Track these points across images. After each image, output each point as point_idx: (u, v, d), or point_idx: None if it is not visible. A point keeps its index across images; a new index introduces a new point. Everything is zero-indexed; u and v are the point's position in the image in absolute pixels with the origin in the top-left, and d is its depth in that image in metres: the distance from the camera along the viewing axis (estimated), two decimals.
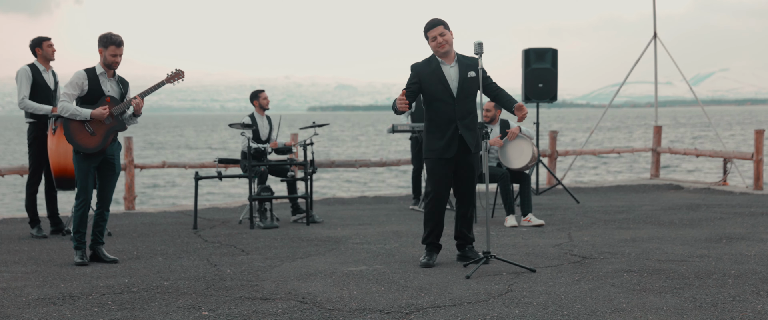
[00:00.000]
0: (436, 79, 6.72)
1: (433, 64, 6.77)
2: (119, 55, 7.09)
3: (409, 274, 6.45)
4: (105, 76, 7.13)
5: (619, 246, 7.66)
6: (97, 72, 7.12)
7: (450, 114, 6.73)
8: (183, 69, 7.63)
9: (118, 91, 7.22)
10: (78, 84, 7.03)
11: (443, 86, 6.72)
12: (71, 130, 7.04)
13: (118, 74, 7.26)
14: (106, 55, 7.04)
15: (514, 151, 9.47)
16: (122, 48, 7.09)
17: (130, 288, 6.02)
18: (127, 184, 11.72)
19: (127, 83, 7.37)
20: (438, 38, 6.71)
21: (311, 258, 7.27)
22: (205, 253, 7.63)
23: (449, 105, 6.73)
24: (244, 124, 9.53)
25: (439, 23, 6.76)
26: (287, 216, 10.34)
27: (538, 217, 9.81)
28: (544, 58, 12.03)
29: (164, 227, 9.52)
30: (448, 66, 6.77)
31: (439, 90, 6.72)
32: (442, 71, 6.74)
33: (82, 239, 7.16)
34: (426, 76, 6.74)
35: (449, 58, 6.78)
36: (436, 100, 6.74)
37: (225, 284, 6.15)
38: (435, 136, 6.77)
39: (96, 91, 7.08)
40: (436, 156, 6.76)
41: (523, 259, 7.05)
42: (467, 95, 6.77)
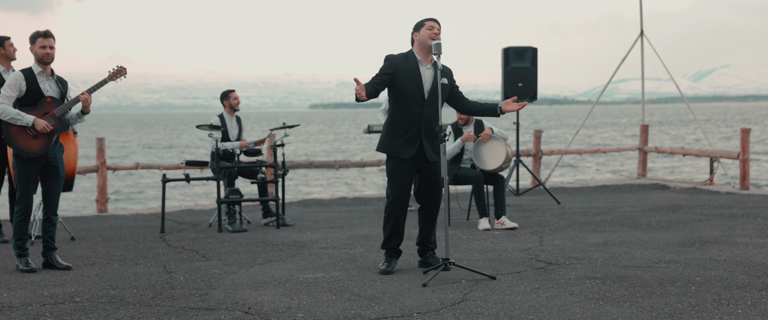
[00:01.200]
0: (412, 77, 6.51)
1: (411, 61, 6.56)
2: (49, 46, 6.87)
3: (365, 282, 6.26)
4: (43, 76, 6.92)
5: (589, 251, 7.47)
6: (34, 71, 6.90)
7: (416, 116, 6.53)
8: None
9: (58, 91, 7.00)
10: (15, 85, 6.81)
11: (416, 86, 6.52)
12: (12, 133, 6.80)
13: (57, 74, 7.05)
14: (36, 49, 6.84)
15: (488, 152, 9.28)
16: (51, 39, 6.89)
17: (74, 298, 5.83)
18: (100, 186, 11.53)
19: (67, 83, 7.14)
20: (435, 28, 6.50)
21: (271, 265, 7.08)
22: (164, 259, 7.44)
23: (418, 106, 6.54)
24: (211, 125, 9.35)
25: (438, 21, 6.58)
26: (259, 219, 10.15)
27: (512, 220, 9.63)
28: (523, 56, 11.83)
29: (131, 231, 9.34)
30: (424, 67, 6.58)
31: (411, 88, 6.51)
32: (418, 70, 6.54)
33: (24, 246, 6.96)
34: (402, 71, 6.52)
35: (427, 59, 6.59)
36: (405, 98, 6.53)
37: (173, 293, 5.96)
38: (396, 134, 6.57)
39: (35, 92, 6.86)
40: (394, 154, 6.56)
41: (487, 265, 6.86)
42: (435, 100, 6.57)
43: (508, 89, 11.80)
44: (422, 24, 6.59)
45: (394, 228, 6.69)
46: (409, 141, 6.54)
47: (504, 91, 11.86)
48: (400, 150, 6.55)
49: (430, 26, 6.55)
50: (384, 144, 6.64)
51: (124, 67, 7.33)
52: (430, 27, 6.54)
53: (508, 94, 11.82)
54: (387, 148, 6.61)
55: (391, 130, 6.61)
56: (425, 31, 6.54)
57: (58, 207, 7.12)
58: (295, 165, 12.85)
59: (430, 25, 6.55)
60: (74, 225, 9.91)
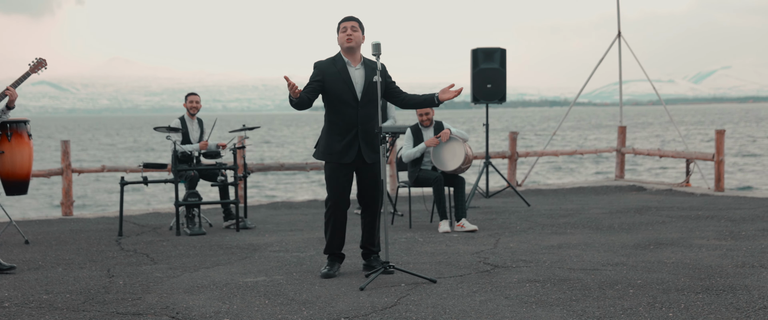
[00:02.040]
0: (341, 80, 6.43)
1: (338, 64, 6.48)
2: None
3: (303, 286, 6.19)
4: None
5: (540, 254, 7.40)
6: None
7: (352, 118, 6.46)
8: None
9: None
10: None
11: (347, 88, 6.44)
12: None
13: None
14: None
15: (447, 153, 9.21)
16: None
17: (2, 303, 5.76)
18: (65, 189, 11.46)
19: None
20: (348, 30, 6.42)
21: (216, 268, 7.01)
22: (112, 263, 7.37)
23: (352, 108, 6.46)
24: (169, 127, 9.28)
25: (354, 19, 6.51)
26: (222, 222, 10.08)
27: (474, 222, 9.56)
28: (492, 57, 11.75)
29: (89, 234, 9.27)
30: (353, 68, 6.50)
31: (343, 91, 6.43)
32: (347, 72, 6.46)
33: None
34: (330, 76, 6.45)
35: (355, 59, 6.51)
36: (338, 102, 6.46)
37: (105, 298, 5.89)
38: (334, 139, 6.49)
39: None
40: (334, 160, 6.49)
41: (433, 268, 6.79)
42: (371, 100, 6.50)
43: (477, 91, 11.72)
44: (339, 27, 6.52)
45: (335, 232, 6.61)
46: (347, 145, 6.46)
47: (473, 93, 11.78)
48: (340, 155, 6.47)
49: (343, 28, 6.47)
50: (323, 151, 6.55)
51: (44, 59, 7.26)
52: (343, 29, 6.47)
53: (477, 96, 11.75)
54: (326, 154, 6.52)
55: (330, 135, 6.52)
56: (340, 35, 6.47)
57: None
58: (265, 168, 12.77)
59: (343, 28, 6.48)
60: (35, 228, 9.83)
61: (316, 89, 6.44)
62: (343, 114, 6.45)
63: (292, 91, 6.20)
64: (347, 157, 6.47)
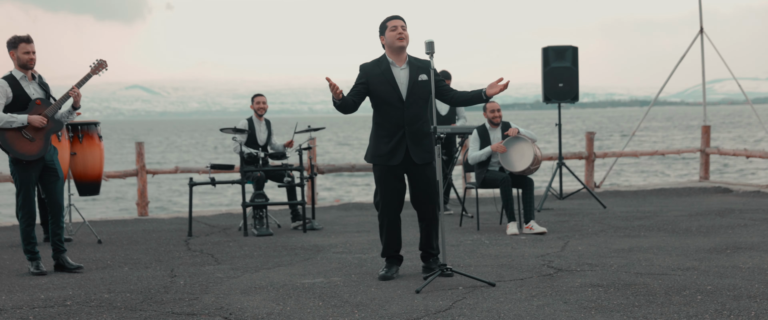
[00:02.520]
0: (385, 81, 6.34)
1: (382, 65, 6.40)
2: (32, 51, 6.89)
3: (359, 288, 6.11)
4: (25, 80, 6.94)
5: (608, 257, 7.18)
6: (16, 77, 6.91)
7: (398, 119, 6.36)
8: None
9: (43, 92, 7.02)
10: (2, 93, 6.81)
11: (392, 89, 6.34)
12: (8, 139, 6.80)
13: (39, 74, 7.07)
14: (19, 55, 6.85)
15: (515, 154, 9.03)
16: (33, 44, 6.90)
17: (65, 301, 5.84)
18: (139, 190, 11.65)
19: (46, 83, 7.15)
20: (398, 28, 6.33)
21: (277, 269, 7.00)
22: (176, 263, 7.43)
23: (398, 109, 6.36)
24: (235, 128, 9.33)
25: (402, 18, 6.42)
26: (289, 223, 10.09)
27: (543, 224, 9.37)
28: (563, 56, 11.51)
29: (161, 234, 9.38)
30: (398, 68, 6.40)
31: (387, 92, 6.34)
32: (391, 73, 6.37)
33: (34, 249, 7.00)
34: (374, 77, 6.37)
35: (401, 59, 6.41)
36: (384, 103, 6.37)
37: (164, 298, 5.92)
38: (381, 141, 6.40)
39: (22, 97, 6.88)
40: (382, 162, 6.40)
41: (495, 271, 6.64)
42: (417, 99, 6.39)
43: (548, 90, 11.49)
44: (385, 26, 6.41)
45: (390, 235, 6.53)
46: (395, 147, 6.36)
47: (544, 92, 11.56)
48: (388, 157, 6.38)
49: (392, 27, 6.37)
50: (372, 153, 6.48)
51: (104, 61, 7.34)
52: (392, 28, 6.37)
53: (549, 95, 11.52)
54: (374, 157, 6.45)
55: (377, 137, 6.44)
56: (389, 34, 6.36)
57: (63, 209, 7.15)
58: (336, 169, 12.76)
59: (392, 26, 6.38)
60: (110, 228, 10.00)
61: (362, 92, 6.38)
62: (389, 115, 6.37)
63: (334, 93, 6.14)
64: (395, 158, 6.37)
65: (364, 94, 6.41)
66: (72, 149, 8.76)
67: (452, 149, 10.79)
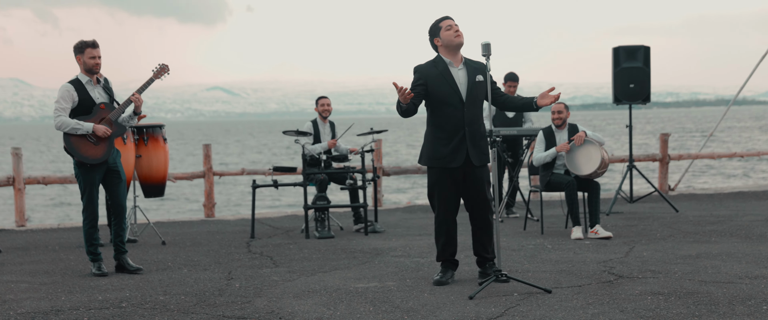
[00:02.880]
0: (444, 82, 6.24)
1: (440, 66, 6.30)
2: (98, 56, 6.98)
3: (412, 293, 6.03)
4: (91, 84, 7.03)
5: (673, 264, 6.96)
6: (82, 81, 7.01)
7: (458, 120, 6.25)
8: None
9: (108, 96, 7.11)
10: (68, 97, 6.92)
11: (452, 89, 6.24)
12: (73, 143, 6.91)
13: (104, 77, 7.15)
14: (86, 59, 6.94)
15: (582, 157, 8.84)
16: (99, 49, 6.99)
17: (120, 303, 5.89)
18: (207, 191, 11.76)
19: (111, 89, 7.23)
20: (454, 27, 6.24)
21: (334, 272, 6.96)
22: (235, 265, 7.45)
23: (458, 110, 6.25)
24: (298, 131, 9.33)
25: (452, 18, 6.33)
26: (352, 225, 10.06)
27: (608, 229, 9.15)
28: (635, 56, 11.23)
29: (225, 236, 9.44)
30: (455, 68, 6.30)
31: (447, 93, 6.24)
32: (450, 73, 6.27)
33: (96, 251, 7.10)
34: (433, 79, 6.26)
35: (458, 59, 6.31)
36: (443, 104, 6.27)
37: (217, 300, 5.93)
38: (440, 143, 6.29)
39: (87, 101, 6.97)
40: (440, 165, 6.29)
41: (553, 277, 6.49)
42: (475, 100, 6.29)
43: (619, 91, 11.23)
44: (438, 27, 6.32)
45: (446, 240, 6.43)
46: (455, 148, 6.26)
47: (614, 93, 11.31)
48: (449, 159, 6.27)
49: (447, 26, 6.28)
50: (429, 156, 6.35)
51: (166, 65, 7.40)
52: (448, 27, 6.27)
53: (619, 96, 11.26)
54: (433, 159, 6.32)
55: (435, 139, 6.32)
56: (445, 33, 6.26)
57: (126, 211, 7.24)
58: (402, 171, 12.70)
59: (447, 25, 6.28)
60: (176, 229, 10.11)
61: (421, 94, 6.27)
62: (449, 116, 6.26)
63: (402, 97, 6.05)
64: (455, 161, 6.27)
65: (423, 96, 6.30)
66: (137, 151, 8.88)
67: (519, 151, 10.63)
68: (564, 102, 9.07)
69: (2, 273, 7.18)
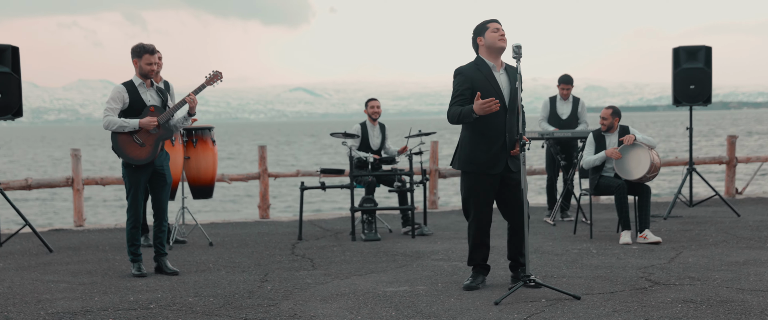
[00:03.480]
0: (489, 86, 6.13)
1: (484, 70, 6.18)
2: (154, 62, 7.07)
3: (439, 298, 5.97)
4: (143, 87, 7.14)
5: (716, 271, 6.76)
6: (135, 83, 7.13)
7: (501, 125, 6.15)
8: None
9: (159, 100, 7.20)
10: (119, 98, 7.04)
11: (496, 94, 6.13)
12: (120, 142, 7.06)
13: (160, 81, 7.23)
14: (142, 64, 7.04)
15: (631, 161, 8.64)
16: (156, 55, 7.07)
17: (149, 304, 5.97)
18: (262, 193, 11.87)
19: (166, 91, 7.30)
20: (500, 30, 6.15)
21: (369, 276, 6.94)
22: (274, 267, 7.49)
23: (501, 116, 6.16)
24: (345, 133, 9.34)
25: (499, 22, 6.23)
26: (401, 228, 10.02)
27: (664, 233, 8.94)
28: (696, 57, 10.93)
29: (273, 237, 9.50)
30: (498, 72, 6.21)
31: (490, 97, 6.12)
32: (495, 78, 6.17)
33: (137, 251, 7.21)
34: (478, 82, 6.14)
35: (499, 63, 6.22)
36: None
37: (244, 303, 5.97)
38: (480, 149, 6.19)
39: (137, 103, 7.08)
40: (479, 170, 6.21)
41: (587, 283, 6.36)
42: (515, 106, 6.19)
43: (679, 92, 10.95)
44: (485, 27, 6.21)
45: (479, 244, 6.35)
46: (496, 155, 6.16)
47: (674, 94, 11.03)
48: (489, 166, 6.17)
49: (495, 28, 6.18)
50: (467, 160, 6.25)
51: (219, 72, 7.44)
52: (495, 29, 6.17)
53: (679, 97, 10.97)
54: (472, 164, 6.22)
55: (474, 144, 6.22)
56: (491, 34, 6.16)
57: (167, 214, 7.34)
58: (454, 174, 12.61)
59: (494, 28, 6.18)
60: (228, 230, 10.20)
61: (468, 98, 6.14)
62: (491, 122, 6.14)
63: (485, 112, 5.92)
64: (495, 168, 6.16)
65: (470, 99, 6.17)
66: (186, 153, 9.00)
67: (572, 153, 10.46)
68: (615, 106, 8.88)
69: (46, 273, 7.36)
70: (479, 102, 5.91)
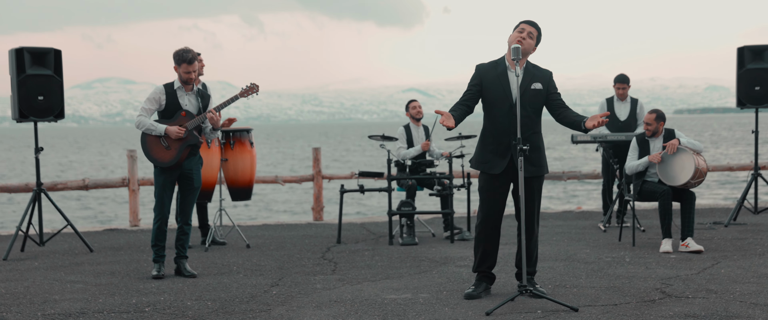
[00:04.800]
0: (498, 84, 6.00)
1: (499, 68, 6.06)
2: (192, 71, 7.11)
3: (435, 307, 5.81)
4: (182, 91, 7.20)
5: (742, 283, 6.39)
6: (174, 86, 7.19)
7: (506, 125, 5.97)
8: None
9: (196, 105, 7.24)
10: (155, 100, 7.15)
11: (504, 92, 5.99)
12: (148, 144, 7.15)
13: (200, 88, 7.28)
14: (180, 73, 7.12)
15: (675, 166, 8.26)
16: (195, 64, 7.11)
17: (145, 307, 6.00)
18: (315, 195, 11.87)
19: (209, 96, 7.36)
20: (524, 32, 6.00)
21: (381, 282, 6.83)
22: (293, 271, 7.45)
23: (507, 115, 5.98)
24: (383, 135, 9.24)
25: (534, 25, 6.08)
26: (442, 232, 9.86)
27: (714, 241, 8.53)
28: (762, 56, 10.38)
29: (313, 240, 9.46)
30: (512, 72, 6.03)
31: (498, 96, 5.99)
32: (506, 76, 6.02)
33: (160, 252, 7.29)
34: (489, 80, 6.04)
35: (519, 63, 6.03)
36: (494, 107, 6.03)
37: (238, 308, 5.94)
38: (486, 148, 6.07)
39: (173, 106, 7.16)
40: (483, 170, 6.05)
41: (596, 294, 6.10)
42: (528, 107, 5.98)
43: (743, 94, 10.42)
44: (516, 26, 6.05)
45: (485, 250, 6.16)
46: (499, 154, 6.00)
47: (738, 96, 10.50)
48: (491, 165, 6.02)
49: (520, 29, 6.02)
50: (476, 159, 6.17)
51: (256, 85, 7.45)
52: (520, 30, 6.01)
53: (743, 99, 10.44)
54: (477, 163, 6.13)
55: (483, 143, 6.13)
56: (514, 34, 6.01)
57: (190, 217, 7.39)
58: None
59: (520, 28, 6.03)
60: (277, 232, 10.20)
61: (474, 95, 6.08)
62: (497, 121, 6.02)
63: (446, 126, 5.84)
64: (496, 167, 6.01)
65: (478, 96, 6.10)
66: (223, 155, 9.07)
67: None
68: (659, 110, 8.50)
69: (71, 273, 7.51)
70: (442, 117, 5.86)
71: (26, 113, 8.77)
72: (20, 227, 8.73)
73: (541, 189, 6.17)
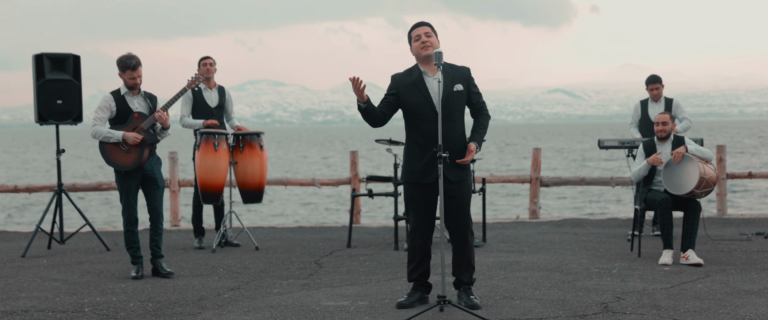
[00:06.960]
0: (417, 92, 5.88)
1: (414, 74, 5.94)
2: (137, 76, 7.33)
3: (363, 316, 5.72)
4: (130, 95, 7.40)
5: (705, 300, 6.05)
6: (121, 92, 7.40)
7: (432, 133, 5.83)
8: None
9: (146, 106, 7.44)
10: (106, 107, 7.37)
11: (424, 99, 5.85)
12: (107, 151, 7.37)
13: (145, 91, 7.48)
14: (125, 78, 7.34)
15: (680, 175, 7.85)
16: (139, 69, 7.31)
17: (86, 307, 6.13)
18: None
19: (155, 98, 7.56)
20: (422, 37, 5.88)
21: (338, 288, 6.78)
22: (270, 274, 7.48)
23: (432, 123, 5.84)
24: (390, 140, 9.16)
25: (426, 24, 5.95)
26: None
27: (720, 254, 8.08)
28: None
29: (325, 243, 9.48)
30: (431, 77, 5.88)
31: (419, 104, 5.87)
32: (424, 82, 5.88)
33: (136, 254, 7.47)
34: (405, 88, 5.93)
35: (433, 68, 5.88)
36: (416, 116, 5.90)
37: (172, 310, 6.02)
38: (414, 158, 5.94)
39: (124, 110, 7.37)
40: (413, 181, 5.92)
41: (537, 307, 5.87)
42: (452, 112, 5.83)
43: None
44: (410, 36, 5.98)
45: (418, 258, 6.04)
46: (428, 164, 5.86)
47: None
48: (421, 175, 5.89)
49: (416, 36, 5.92)
50: (403, 170, 6.06)
51: (198, 74, 7.78)
52: (416, 37, 5.92)
53: None
54: (406, 174, 6.01)
55: (410, 154, 6.00)
56: (414, 44, 5.95)
57: (162, 217, 7.56)
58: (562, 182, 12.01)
59: (415, 36, 5.93)
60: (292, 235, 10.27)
61: (391, 104, 5.96)
62: (422, 129, 5.88)
63: (357, 93, 5.74)
64: (428, 177, 5.87)
65: (396, 106, 6.00)
66: (233, 158, 9.20)
67: None
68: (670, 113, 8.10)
69: (61, 272, 7.79)
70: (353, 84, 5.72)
71: (46, 116, 9.16)
72: (39, 225, 9.12)
73: (470, 194, 5.99)
